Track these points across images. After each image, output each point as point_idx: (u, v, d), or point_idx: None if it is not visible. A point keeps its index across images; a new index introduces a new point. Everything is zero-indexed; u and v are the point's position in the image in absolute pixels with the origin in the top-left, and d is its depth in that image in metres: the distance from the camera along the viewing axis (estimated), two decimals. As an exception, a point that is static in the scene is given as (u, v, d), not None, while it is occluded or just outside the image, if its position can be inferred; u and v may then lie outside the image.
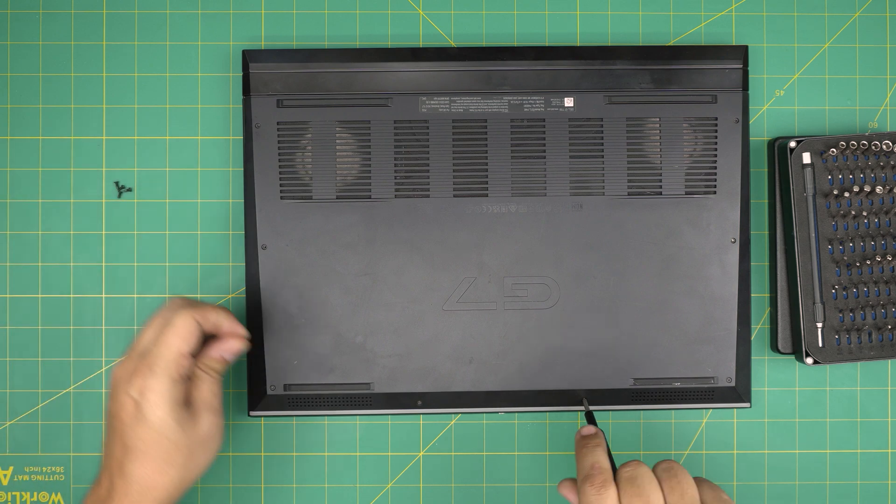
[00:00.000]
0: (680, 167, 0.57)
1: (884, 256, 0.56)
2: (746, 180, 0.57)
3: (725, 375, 0.57)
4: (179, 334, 0.49)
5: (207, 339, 0.52)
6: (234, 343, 0.52)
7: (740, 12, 0.60)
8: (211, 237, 0.59)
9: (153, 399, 0.48)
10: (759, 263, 0.59)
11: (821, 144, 0.56)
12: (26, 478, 0.58)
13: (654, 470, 0.46)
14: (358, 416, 0.58)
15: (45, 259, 0.58)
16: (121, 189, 0.58)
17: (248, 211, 0.56)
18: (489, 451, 0.59)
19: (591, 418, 0.51)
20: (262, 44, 0.59)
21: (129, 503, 0.48)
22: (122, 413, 0.48)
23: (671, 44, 0.59)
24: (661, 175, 0.57)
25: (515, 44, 0.59)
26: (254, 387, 0.56)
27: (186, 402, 0.50)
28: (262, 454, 0.59)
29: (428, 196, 0.56)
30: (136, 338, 0.50)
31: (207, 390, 0.50)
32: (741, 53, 0.57)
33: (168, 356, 0.48)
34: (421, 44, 0.59)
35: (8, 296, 0.58)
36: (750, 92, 0.59)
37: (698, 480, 0.46)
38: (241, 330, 0.52)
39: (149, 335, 0.50)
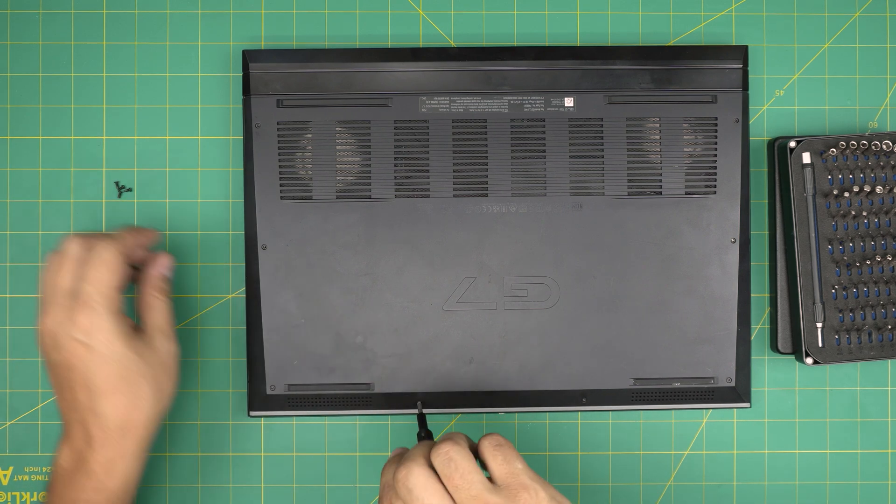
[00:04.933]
0: (680, 167, 0.57)
1: (884, 256, 0.56)
2: (746, 180, 0.57)
3: (725, 375, 0.57)
4: (111, 269, 0.48)
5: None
6: (164, 259, 0.53)
7: (740, 12, 0.60)
8: (211, 237, 0.59)
9: (103, 337, 0.47)
10: (759, 263, 0.59)
11: (821, 144, 0.56)
12: (26, 478, 0.58)
13: (432, 459, 0.44)
14: (358, 416, 0.58)
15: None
16: (121, 189, 0.58)
17: (248, 211, 0.56)
18: (489, 451, 0.59)
19: (422, 421, 0.51)
20: (262, 44, 0.59)
21: (111, 448, 0.48)
22: (75, 360, 0.47)
23: (671, 44, 0.59)
24: (661, 175, 0.57)
25: (515, 44, 0.59)
26: (254, 387, 0.56)
27: (136, 332, 0.49)
28: (262, 454, 0.59)
29: (428, 196, 0.56)
30: (48, 286, 0.49)
31: (159, 315, 0.51)
32: (741, 53, 0.57)
33: (104, 292, 0.48)
34: (421, 44, 0.59)
35: (8, 296, 0.58)
36: (750, 92, 0.59)
37: (487, 449, 0.45)
38: (161, 252, 0.53)
39: (66, 279, 0.48)
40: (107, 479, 0.48)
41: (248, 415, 0.56)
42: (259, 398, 0.56)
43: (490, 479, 0.44)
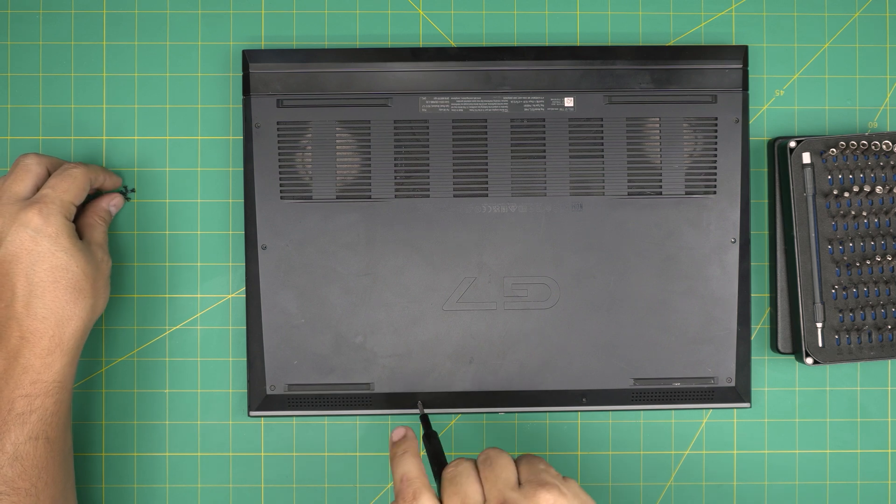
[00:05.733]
0: (680, 167, 0.57)
1: (884, 256, 0.56)
2: (746, 180, 0.57)
3: (725, 375, 0.57)
4: (76, 184, 0.52)
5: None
6: (117, 198, 0.57)
7: (740, 12, 0.60)
8: (211, 237, 0.59)
9: (52, 230, 0.50)
10: (759, 263, 0.59)
11: (821, 144, 0.56)
12: None
13: (477, 459, 0.45)
14: (358, 416, 0.58)
15: (45, 259, 0.58)
16: (127, 191, 0.58)
17: (248, 211, 0.56)
18: (489, 451, 0.59)
19: (425, 422, 0.51)
20: (262, 44, 0.59)
21: (48, 339, 0.49)
22: (21, 251, 0.49)
23: (671, 44, 0.59)
24: (661, 175, 0.57)
25: (515, 44, 0.59)
26: (254, 387, 0.56)
27: (79, 240, 0.52)
28: (262, 454, 0.59)
29: (428, 196, 0.56)
30: (2, 190, 0.51)
31: (98, 233, 0.54)
32: (741, 53, 0.57)
33: (63, 198, 0.51)
34: (421, 44, 0.59)
35: (8, 296, 0.58)
36: (750, 92, 0.59)
37: (520, 459, 0.46)
38: (119, 194, 0.57)
39: (21, 186, 0.51)
40: (44, 371, 0.49)
41: (248, 415, 0.56)
42: (259, 398, 0.56)
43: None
